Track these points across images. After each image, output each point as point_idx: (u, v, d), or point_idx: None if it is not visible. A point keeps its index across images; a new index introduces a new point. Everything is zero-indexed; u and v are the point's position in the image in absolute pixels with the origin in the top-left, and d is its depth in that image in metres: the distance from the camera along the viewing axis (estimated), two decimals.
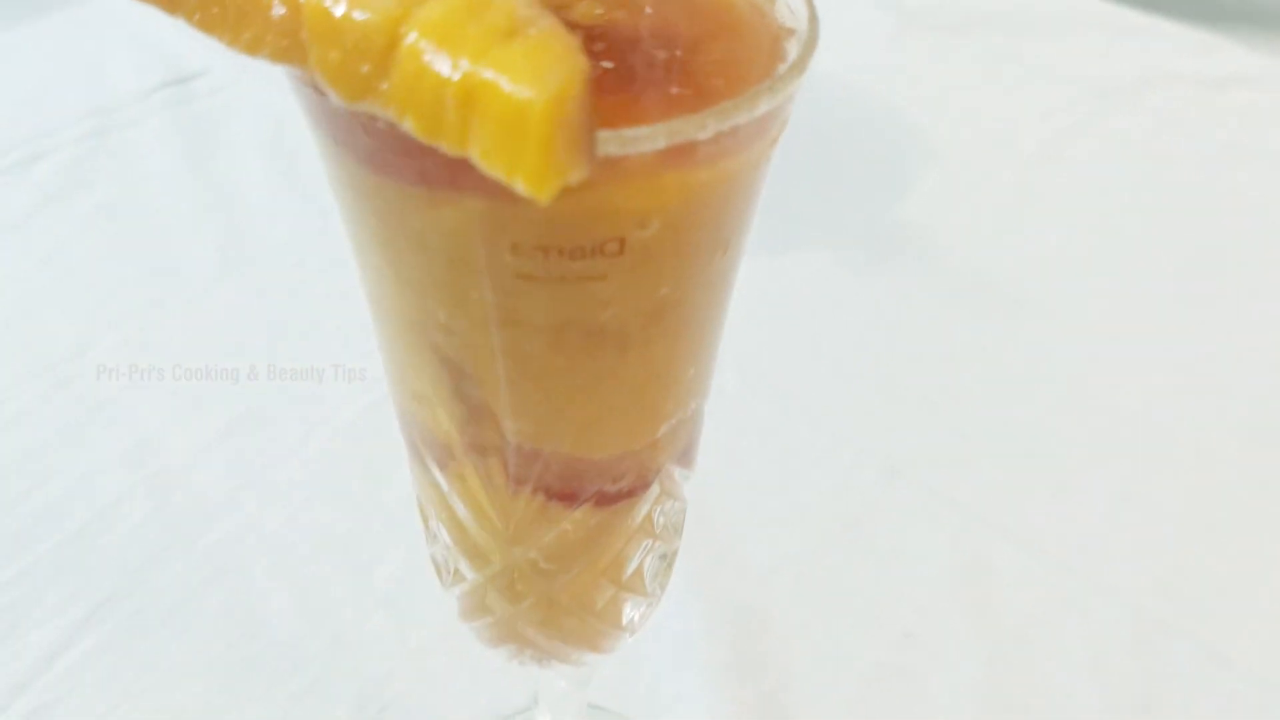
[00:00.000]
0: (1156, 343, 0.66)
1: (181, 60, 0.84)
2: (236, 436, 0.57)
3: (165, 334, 0.62)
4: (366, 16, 0.19)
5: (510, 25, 0.18)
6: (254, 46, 0.20)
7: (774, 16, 0.24)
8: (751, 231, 0.26)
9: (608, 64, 0.21)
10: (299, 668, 0.48)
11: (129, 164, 0.74)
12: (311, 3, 0.19)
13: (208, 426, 0.57)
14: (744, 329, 0.35)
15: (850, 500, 0.57)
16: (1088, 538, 0.55)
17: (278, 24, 0.20)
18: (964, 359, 0.65)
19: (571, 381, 0.25)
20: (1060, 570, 0.54)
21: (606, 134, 0.19)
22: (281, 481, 0.55)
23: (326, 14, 0.19)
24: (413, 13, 0.19)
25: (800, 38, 0.23)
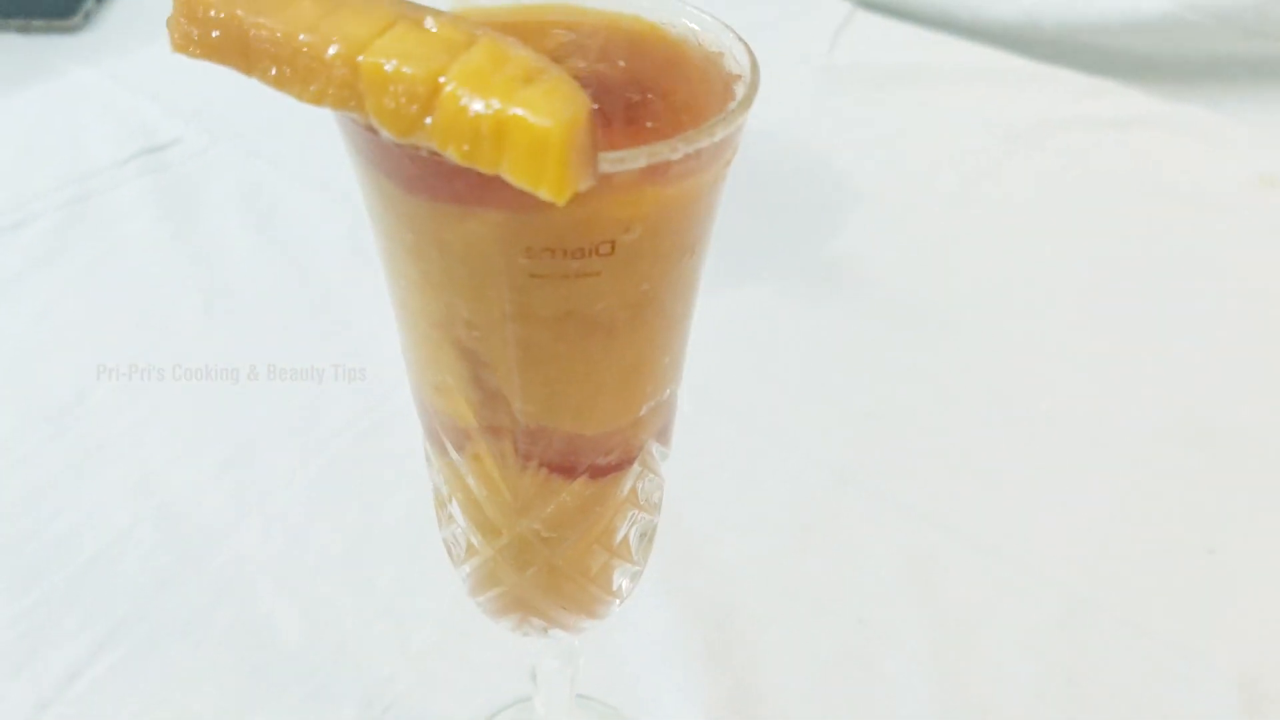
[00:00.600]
0: (1069, 356, 0.72)
1: (154, 130, 0.88)
2: (236, 468, 0.61)
3: (159, 377, 0.67)
4: (413, 70, 0.24)
5: (527, 74, 0.24)
6: (318, 98, 0.25)
7: (723, 66, 0.30)
8: (711, 242, 0.32)
9: (595, 105, 0.26)
10: (306, 674, 0.52)
11: (111, 227, 0.78)
12: (369, 61, 0.24)
13: (208, 457, 0.62)
14: (698, 357, 0.38)
15: (805, 506, 0.62)
16: (1018, 531, 0.60)
17: (338, 80, 0.25)
18: (899, 376, 0.70)
19: (570, 366, 0.30)
20: (995, 560, 0.59)
21: (603, 155, 0.24)
22: (281, 504, 0.59)
23: (381, 69, 0.24)
24: (449, 66, 0.24)
25: (745, 81, 0.29)
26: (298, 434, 0.63)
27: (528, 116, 0.22)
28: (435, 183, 0.26)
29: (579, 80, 0.26)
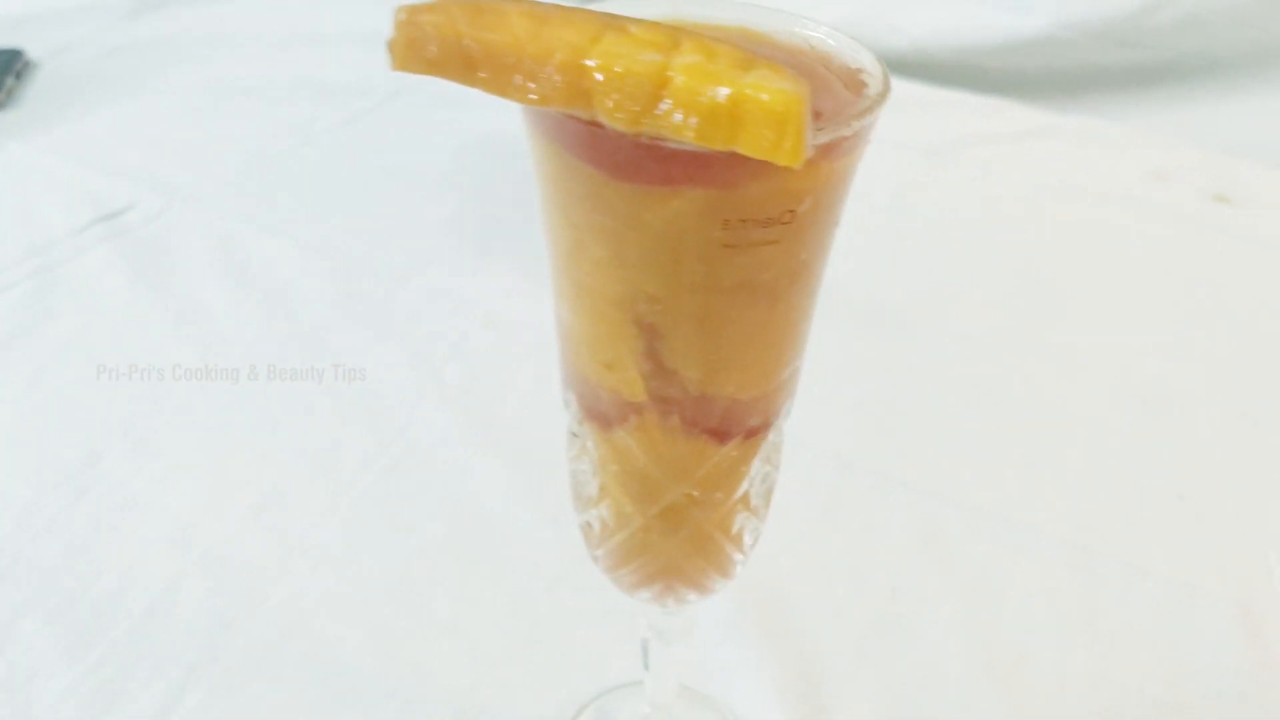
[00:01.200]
0: (1017, 339, 0.80)
1: (104, 198, 0.88)
2: (269, 511, 0.62)
3: (170, 432, 0.67)
4: (641, 68, 0.27)
5: (741, 62, 0.27)
6: (544, 100, 0.28)
7: (843, 62, 0.34)
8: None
9: None
10: (389, 694, 0.53)
11: (87, 292, 0.78)
12: (599, 64, 0.28)
13: (239, 503, 0.62)
14: None
15: (818, 493, 0.66)
16: (1016, 494, 0.66)
17: (564, 82, 0.28)
18: (869, 369, 0.76)
19: (738, 332, 0.33)
20: (999, 522, 0.64)
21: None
22: (321, 540, 0.61)
23: (611, 69, 0.27)
24: (671, 62, 0.28)
25: (871, 74, 0.33)
26: (322, 475, 0.65)
27: (762, 96, 0.26)
28: (650, 166, 0.29)
29: None
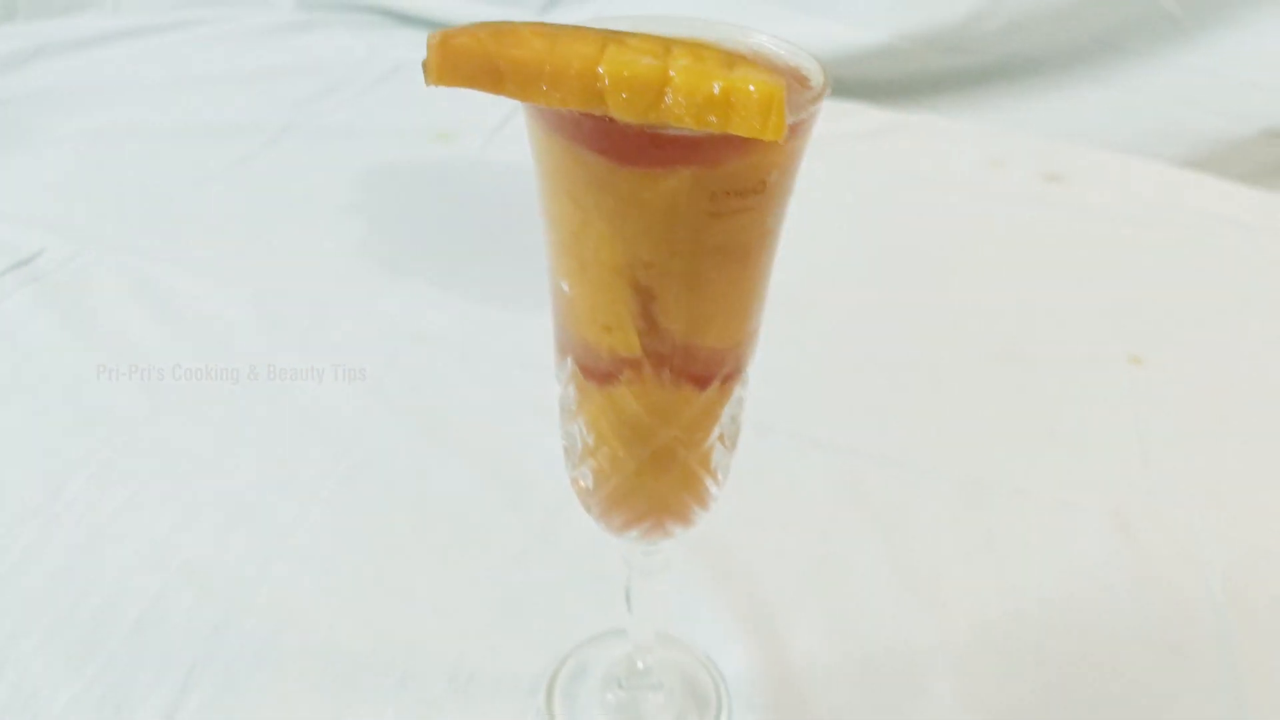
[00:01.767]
0: (888, 310, 0.90)
1: (11, 246, 0.88)
2: (243, 521, 0.65)
3: (128, 461, 0.69)
4: (646, 70, 0.34)
5: (727, 61, 0.34)
6: (564, 102, 0.34)
7: (785, 62, 0.41)
8: None
9: None
10: (388, 667, 0.57)
11: (13, 340, 0.79)
12: (609, 70, 0.34)
13: (210, 520, 0.65)
14: None
15: (742, 457, 0.73)
16: (915, 444, 0.75)
17: (582, 86, 0.34)
18: (774, 342, 0.84)
19: (719, 289, 0.40)
20: (905, 469, 0.73)
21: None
22: (297, 544, 0.64)
23: (621, 73, 0.34)
24: (669, 64, 0.34)
25: (811, 70, 0.40)
26: (288, 485, 0.68)
27: (749, 87, 0.33)
28: (651, 152, 0.36)
29: None
